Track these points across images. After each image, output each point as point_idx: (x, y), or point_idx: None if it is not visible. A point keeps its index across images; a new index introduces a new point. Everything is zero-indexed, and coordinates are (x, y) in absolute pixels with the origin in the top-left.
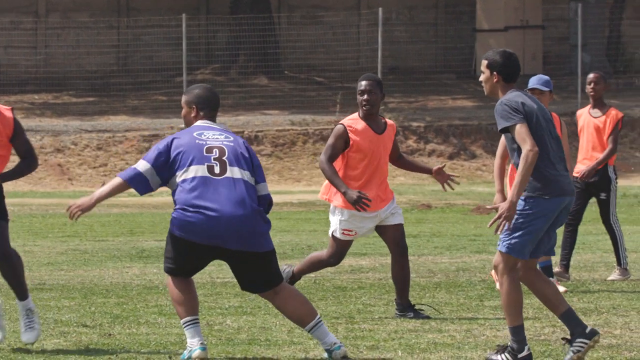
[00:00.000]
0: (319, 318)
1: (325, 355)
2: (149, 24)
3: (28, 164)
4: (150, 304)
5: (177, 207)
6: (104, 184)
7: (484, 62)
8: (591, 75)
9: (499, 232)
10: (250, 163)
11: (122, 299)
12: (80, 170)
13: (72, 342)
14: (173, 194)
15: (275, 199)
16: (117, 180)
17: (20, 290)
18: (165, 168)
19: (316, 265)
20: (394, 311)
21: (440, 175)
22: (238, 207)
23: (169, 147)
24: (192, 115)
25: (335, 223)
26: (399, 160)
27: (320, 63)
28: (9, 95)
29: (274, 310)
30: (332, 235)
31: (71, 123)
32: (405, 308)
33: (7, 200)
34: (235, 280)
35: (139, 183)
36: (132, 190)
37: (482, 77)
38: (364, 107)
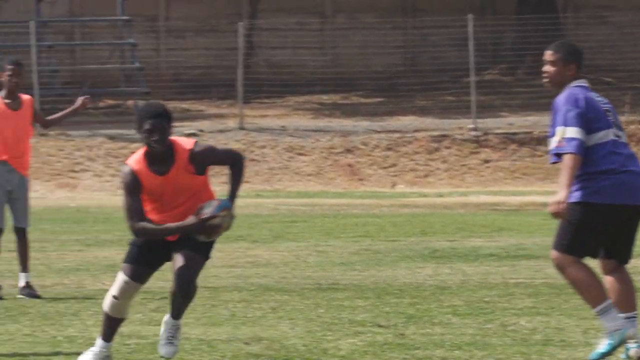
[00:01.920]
0: (636, 314)
1: (622, 356)
2: (435, 25)
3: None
4: (444, 304)
5: (598, 169)
6: (394, 184)
7: None
8: None
9: None
10: None
11: (416, 299)
12: (370, 171)
13: (367, 342)
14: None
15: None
16: (572, 158)
17: (181, 313)
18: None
19: None
20: None
21: None
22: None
23: (586, 108)
24: (570, 73)
25: None
26: None
27: (608, 63)
28: (298, 95)
29: (568, 311)
30: None
31: (360, 123)
32: None
33: (298, 201)
34: (528, 280)
35: (582, 152)
36: (423, 190)
37: None
38: None
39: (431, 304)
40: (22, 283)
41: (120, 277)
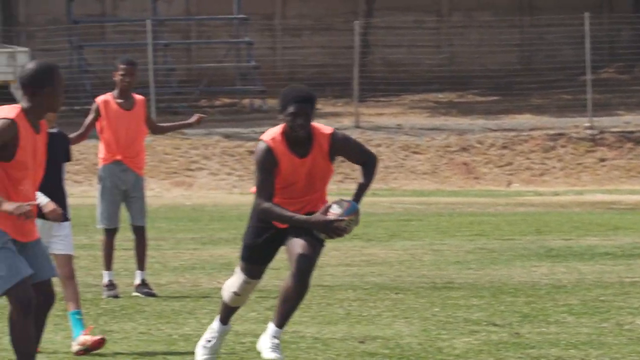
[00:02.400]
0: None
1: None
2: (551, 23)
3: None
4: (559, 303)
5: None
6: (509, 183)
7: None
8: None
9: None
10: None
11: (531, 298)
12: (485, 169)
13: (482, 340)
14: None
15: None
16: None
17: (288, 316)
18: None
19: None
20: None
21: None
22: None
23: None
24: None
25: None
26: None
27: None
28: (413, 94)
29: None
30: None
31: (476, 122)
32: None
33: (414, 199)
34: None
35: None
36: (538, 188)
37: None
38: None
39: (546, 303)
40: (137, 281)
41: (240, 277)
